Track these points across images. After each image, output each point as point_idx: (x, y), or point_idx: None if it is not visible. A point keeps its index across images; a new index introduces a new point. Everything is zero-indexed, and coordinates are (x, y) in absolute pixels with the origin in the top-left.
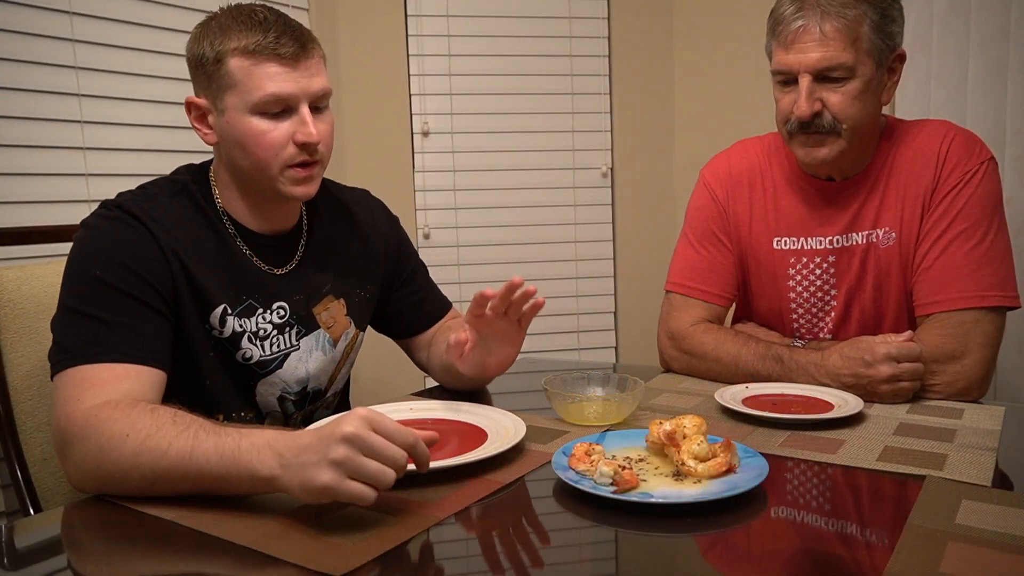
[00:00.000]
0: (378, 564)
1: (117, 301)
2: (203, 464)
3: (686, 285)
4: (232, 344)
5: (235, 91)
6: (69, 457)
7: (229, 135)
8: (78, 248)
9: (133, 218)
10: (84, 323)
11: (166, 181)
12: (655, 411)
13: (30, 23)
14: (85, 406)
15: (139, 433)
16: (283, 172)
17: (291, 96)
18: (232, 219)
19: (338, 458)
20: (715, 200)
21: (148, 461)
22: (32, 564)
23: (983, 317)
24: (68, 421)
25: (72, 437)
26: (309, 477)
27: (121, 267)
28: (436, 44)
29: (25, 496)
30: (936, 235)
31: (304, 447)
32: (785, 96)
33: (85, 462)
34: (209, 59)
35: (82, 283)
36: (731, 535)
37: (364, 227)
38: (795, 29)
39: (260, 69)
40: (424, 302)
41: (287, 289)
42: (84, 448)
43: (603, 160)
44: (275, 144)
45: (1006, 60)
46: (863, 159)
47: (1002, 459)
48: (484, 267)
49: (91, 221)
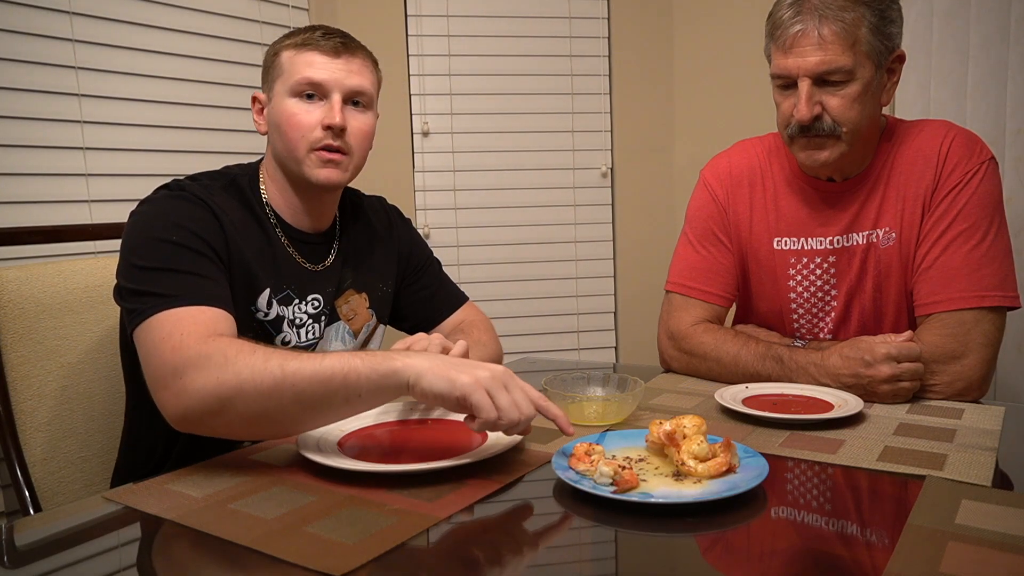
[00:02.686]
0: (378, 564)
1: (191, 258)
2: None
3: (686, 285)
4: (274, 327)
5: (281, 78)
6: (181, 384)
7: (273, 120)
8: (143, 220)
9: (196, 198)
10: (166, 276)
11: (216, 174)
12: (655, 411)
13: (30, 23)
14: (196, 338)
15: (267, 349)
16: (309, 154)
17: (324, 82)
18: (276, 214)
19: (483, 377)
20: (715, 200)
21: (279, 363)
22: (32, 564)
23: (983, 317)
24: (179, 351)
25: (189, 361)
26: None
27: (192, 233)
28: (436, 44)
29: (25, 496)
30: (936, 235)
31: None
32: (785, 100)
33: (205, 379)
34: (269, 55)
35: (155, 246)
36: (731, 535)
37: (382, 228)
38: (794, 33)
39: (302, 57)
40: (435, 296)
41: (321, 283)
42: (206, 365)
43: (603, 160)
44: (304, 125)
45: (1006, 60)
46: (863, 160)
47: (1002, 459)
48: (484, 267)
49: (155, 199)
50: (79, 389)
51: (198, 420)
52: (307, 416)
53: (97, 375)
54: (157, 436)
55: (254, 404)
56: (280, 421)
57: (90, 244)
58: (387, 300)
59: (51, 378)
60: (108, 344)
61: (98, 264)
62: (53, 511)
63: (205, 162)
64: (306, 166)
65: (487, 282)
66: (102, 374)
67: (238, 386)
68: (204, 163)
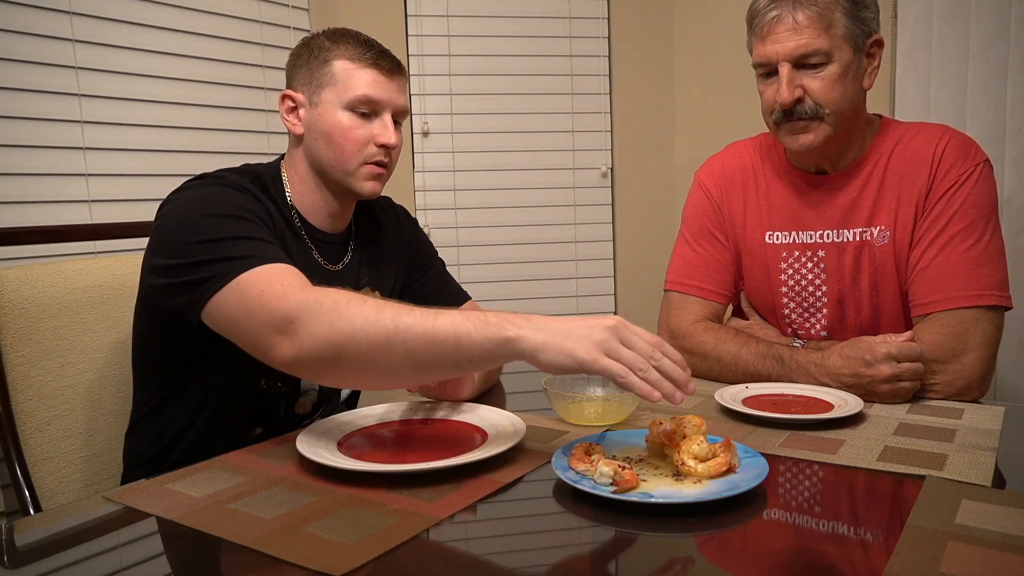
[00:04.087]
0: (378, 564)
1: (259, 227)
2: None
3: (684, 283)
4: None
5: (334, 88)
6: (291, 331)
7: (319, 126)
8: (187, 203)
9: (239, 185)
10: (238, 242)
11: (240, 170)
12: (655, 411)
13: (30, 23)
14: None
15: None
16: (360, 168)
17: (380, 101)
18: (299, 213)
19: (601, 339)
20: (710, 198)
21: (391, 316)
22: (32, 564)
23: (982, 316)
24: (283, 299)
25: (297, 309)
26: (571, 345)
27: (242, 207)
28: (436, 44)
29: (25, 496)
30: (933, 235)
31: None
32: (768, 87)
33: (316, 326)
34: (317, 58)
35: (214, 220)
36: (731, 535)
37: (391, 228)
38: (770, 20)
39: (361, 73)
40: (437, 294)
41: (339, 283)
42: (316, 312)
43: (603, 160)
44: (359, 140)
45: (1006, 60)
46: (852, 149)
47: (1002, 459)
48: (484, 267)
49: (192, 186)
50: (79, 389)
51: (310, 366)
52: (417, 373)
53: (97, 375)
54: (170, 422)
55: (365, 355)
56: (389, 374)
57: (90, 244)
58: (395, 297)
59: (51, 378)
60: (108, 344)
61: (98, 264)
62: (53, 511)
63: (205, 162)
64: (355, 178)
65: (487, 282)
66: (102, 374)
67: (351, 334)
68: (204, 163)
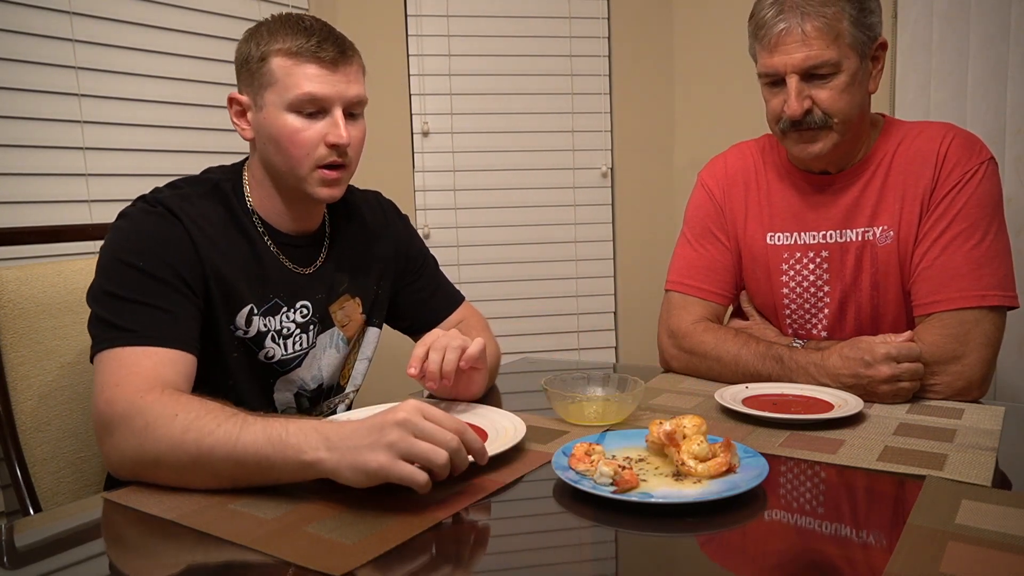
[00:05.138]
0: (378, 564)
1: (156, 289)
2: (249, 445)
3: (685, 284)
4: (256, 344)
5: (275, 88)
6: (110, 440)
7: (265, 131)
8: (118, 237)
9: (174, 216)
10: (124, 307)
11: (197, 180)
12: (655, 411)
13: (30, 23)
14: (129, 391)
15: (189, 413)
16: (312, 172)
17: (326, 98)
18: (261, 218)
19: (391, 440)
20: (712, 199)
21: (195, 438)
22: (32, 564)
23: (983, 317)
24: (110, 404)
25: (115, 419)
26: (362, 459)
27: (161, 260)
28: (436, 44)
29: (25, 496)
30: (936, 235)
31: (353, 432)
32: (774, 96)
33: (127, 443)
34: (254, 57)
35: (122, 271)
36: (731, 535)
37: (378, 227)
38: (778, 32)
39: (300, 69)
40: (433, 297)
41: (310, 288)
42: (128, 428)
43: (603, 160)
44: (307, 143)
45: (1006, 60)
46: (855, 151)
47: (1002, 459)
48: (484, 267)
49: (132, 213)
50: (79, 389)
51: (129, 475)
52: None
53: None
54: None
55: (174, 475)
56: (209, 485)
57: (90, 244)
58: (383, 301)
59: (51, 378)
60: None
61: None
62: (53, 511)
63: (205, 162)
64: (308, 184)
65: (487, 282)
66: None
67: (156, 458)
68: (204, 163)
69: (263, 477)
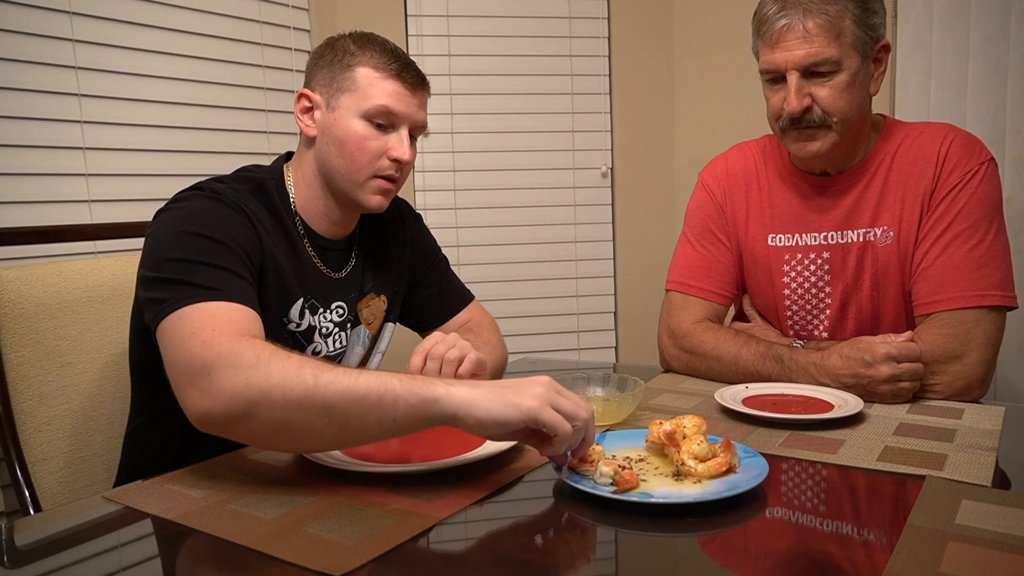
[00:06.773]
0: (378, 564)
1: (230, 255)
2: (372, 380)
3: (686, 284)
4: (306, 338)
5: (354, 95)
6: (205, 381)
7: (332, 132)
8: (179, 216)
9: (233, 203)
10: (200, 268)
11: (241, 177)
12: (655, 411)
13: (30, 23)
14: (230, 335)
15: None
16: (369, 180)
17: (400, 115)
18: (303, 220)
19: (541, 391)
20: (713, 199)
21: (312, 372)
22: (32, 564)
23: (984, 316)
24: (208, 346)
25: (217, 359)
26: (515, 399)
27: (229, 235)
28: (436, 44)
29: (25, 496)
30: (936, 235)
31: (491, 383)
32: (775, 94)
33: (230, 379)
34: (340, 61)
35: (191, 239)
36: (731, 535)
37: (395, 225)
38: (779, 28)
39: (383, 83)
40: (444, 294)
41: (341, 290)
42: (234, 365)
43: (603, 160)
44: (372, 151)
45: (1006, 60)
46: (856, 152)
47: (1002, 459)
48: (484, 267)
49: (190, 197)
50: (79, 389)
51: (222, 422)
52: (334, 434)
53: (97, 375)
54: (169, 434)
55: (281, 412)
56: (304, 435)
57: (90, 244)
58: (399, 297)
59: (51, 378)
60: (108, 344)
61: (98, 264)
62: (53, 511)
63: (205, 162)
64: (363, 190)
65: (487, 282)
66: (102, 374)
67: (267, 390)
68: (203, 163)
69: (380, 414)
